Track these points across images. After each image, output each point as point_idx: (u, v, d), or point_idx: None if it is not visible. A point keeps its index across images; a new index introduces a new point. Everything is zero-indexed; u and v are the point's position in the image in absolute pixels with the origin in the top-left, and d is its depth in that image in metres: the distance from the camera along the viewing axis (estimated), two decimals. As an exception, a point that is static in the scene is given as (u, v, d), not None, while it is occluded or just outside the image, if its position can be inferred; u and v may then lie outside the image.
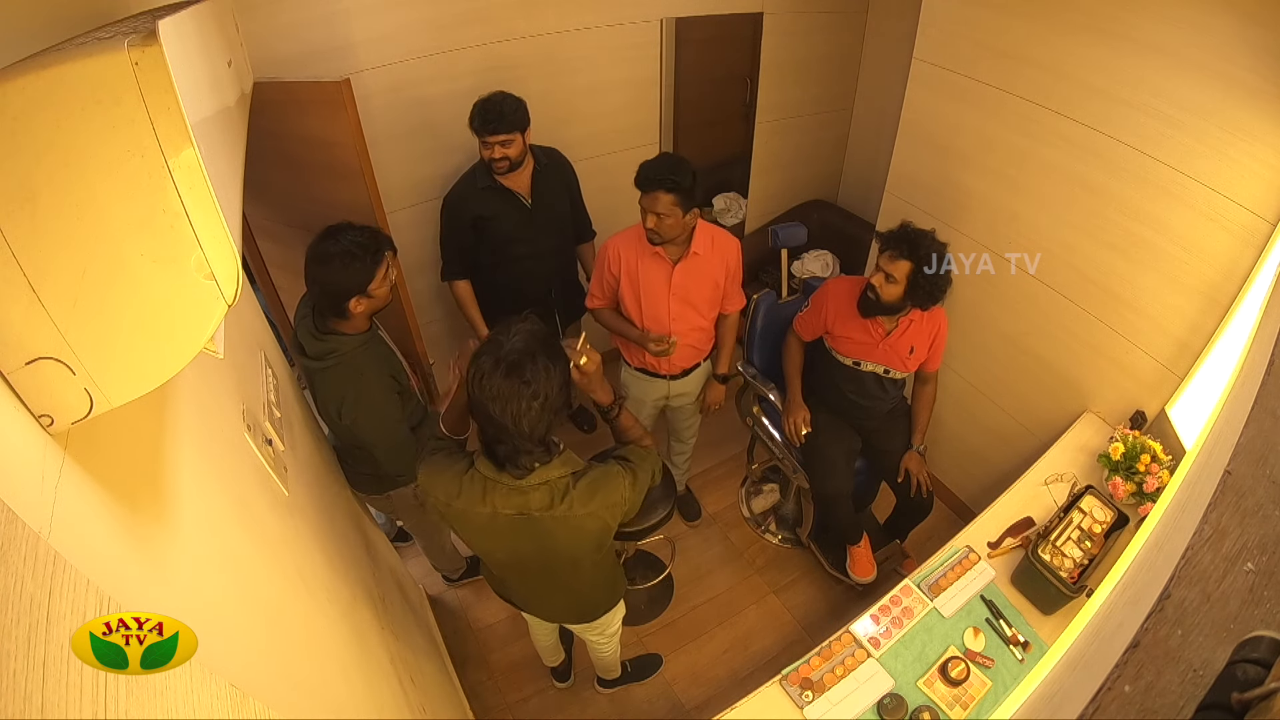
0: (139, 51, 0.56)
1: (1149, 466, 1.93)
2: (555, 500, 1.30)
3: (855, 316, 2.18)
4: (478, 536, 1.41)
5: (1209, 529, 0.51)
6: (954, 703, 1.61)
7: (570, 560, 1.46)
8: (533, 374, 1.17)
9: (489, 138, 2.12)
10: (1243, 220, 1.68)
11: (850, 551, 2.50)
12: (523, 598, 1.74)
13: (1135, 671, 0.44)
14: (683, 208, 1.96)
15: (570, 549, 1.41)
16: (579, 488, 1.31)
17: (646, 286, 2.13)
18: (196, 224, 0.62)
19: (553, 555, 1.43)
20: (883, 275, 2.01)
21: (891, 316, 2.13)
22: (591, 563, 1.51)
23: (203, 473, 0.94)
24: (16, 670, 0.44)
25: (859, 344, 2.21)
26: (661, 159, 1.97)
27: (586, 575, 1.56)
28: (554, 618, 1.87)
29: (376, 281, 1.66)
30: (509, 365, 1.17)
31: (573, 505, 1.30)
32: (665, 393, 2.40)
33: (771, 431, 2.54)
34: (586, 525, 1.35)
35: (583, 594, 1.66)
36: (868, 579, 2.48)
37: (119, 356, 0.63)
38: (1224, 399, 1.00)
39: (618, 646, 2.13)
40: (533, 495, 1.29)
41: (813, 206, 3.69)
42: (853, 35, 3.36)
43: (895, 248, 1.98)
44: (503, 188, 2.26)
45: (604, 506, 1.34)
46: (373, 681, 1.31)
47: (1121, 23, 1.77)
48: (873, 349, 2.20)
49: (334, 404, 1.73)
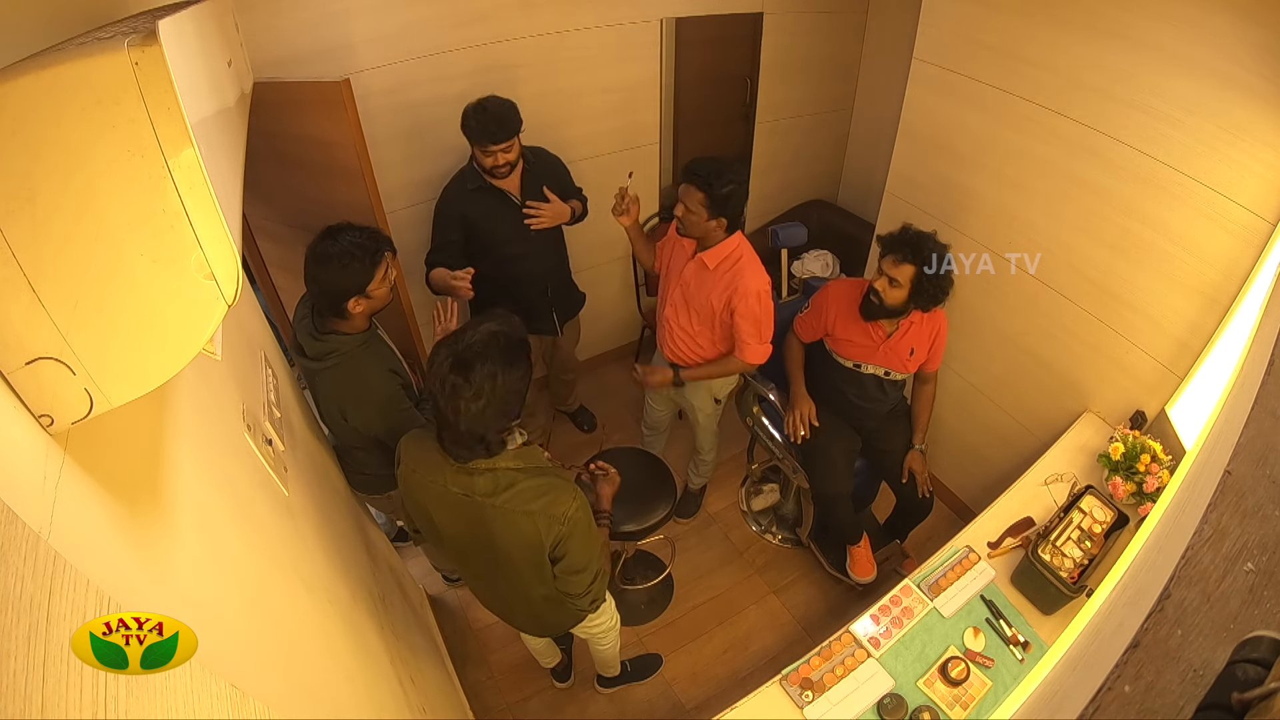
0: (139, 51, 0.56)
1: (1149, 466, 1.93)
2: (498, 489, 1.32)
3: (856, 319, 2.17)
4: (434, 507, 1.42)
5: (1209, 529, 0.51)
6: (954, 703, 1.61)
7: (508, 558, 1.43)
8: (480, 376, 1.19)
9: (491, 146, 2.11)
10: (1243, 220, 1.68)
11: (850, 551, 2.50)
12: (483, 597, 1.74)
13: (1135, 671, 0.44)
14: (709, 211, 1.97)
15: (506, 545, 1.40)
16: (527, 485, 1.32)
17: (667, 262, 2.25)
18: (196, 224, 0.62)
19: (492, 548, 1.42)
20: (886, 279, 2.01)
21: (893, 319, 2.13)
22: (532, 572, 1.46)
23: (203, 473, 0.94)
24: (16, 670, 0.44)
25: (860, 346, 2.21)
26: (714, 159, 1.97)
27: (531, 584, 1.51)
28: (516, 625, 1.83)
29: (375, 282, 1.66)
30: (459, 361, 1.19)
31: (514, 498, 1.32)
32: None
33: (771, 431, 2.53)
34: (522, 525, 1.34)
35: (534, 604, 1.60)
36: (868, 579, 2.48)
37: (119, 356, 0.63)
38: (1224, 399, 1.00)
39: (617, 641, 2.12)
40: (478, 479, 1.32)
41: (812, 206, 3.69)
42: (853, 35, 3.36)
43: (898, 251, 1.98)
44: (494, 188, 2.26)
45: (543, 513, 1.33)
46: (373, 681, 1.31)
47: (1121, 22, 1.77)
48: (874, 351, 2.20)
49: (336, 405, 1.73)
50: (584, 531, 1.39)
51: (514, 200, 2.30)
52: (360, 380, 1.72)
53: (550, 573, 1.46)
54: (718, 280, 2.08)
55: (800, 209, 3.67)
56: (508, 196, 2.29)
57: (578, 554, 1.41)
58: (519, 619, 1.78)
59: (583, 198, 2.51)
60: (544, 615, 1.68)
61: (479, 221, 2.29)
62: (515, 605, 1.69)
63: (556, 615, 1.69)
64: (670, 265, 2.24)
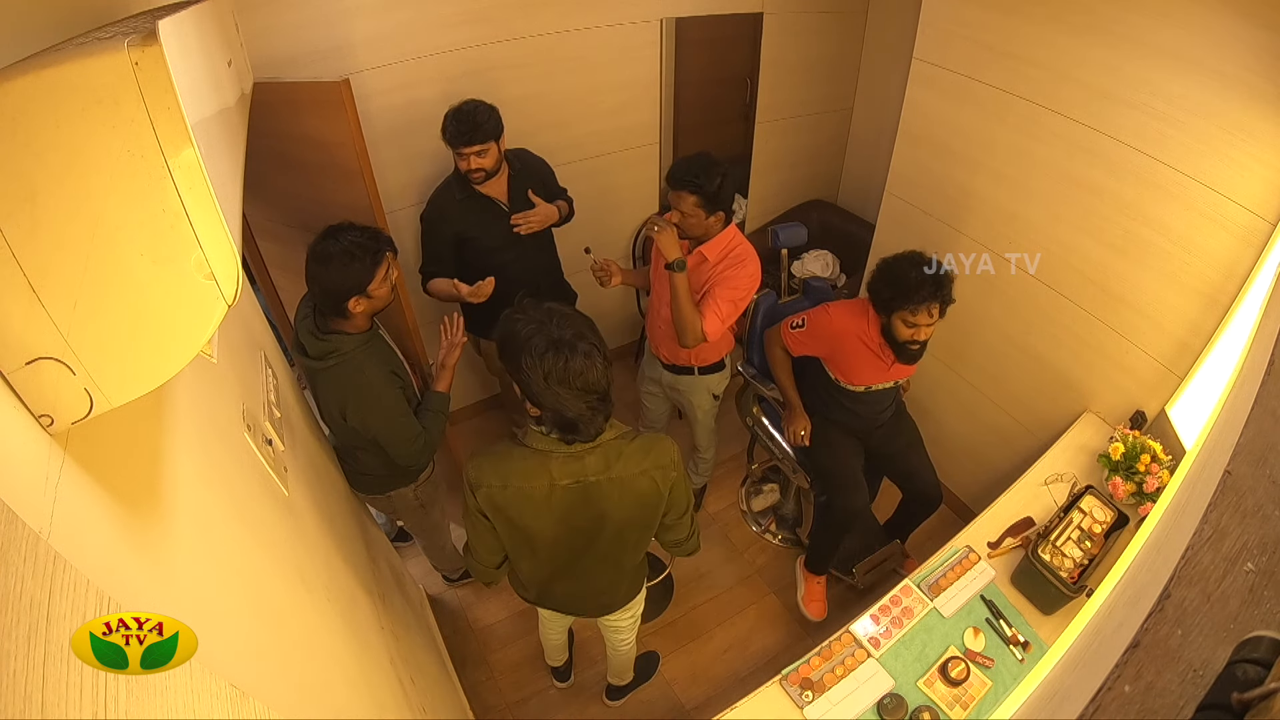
0: (139, 51, 0.56)
1: (1149, 466, 1.93)
2: (611, 462, 1.34)
3: (864, 349, 2.08)
4: (530, 516, 1.40)
5: (1209, 529, 0.51)
6: (954, 703, 1.61)
7: (618, 530, 1.46)
8: (588, 341, 1.23)
9: (463, 149, 2.10)
10: (1243, 220, 1.68)
11: (811, 581, 2.53)
12: (555, 592, 1.71)
13: (1135, 671, 0.44)
14: (705, 210, 1.98)
15: (621, 514, 1.42)
16: (631, 448, 1.36)
17: (659, 265, 2.17)
18: (196, 224, 0.62)
19: (603, 524, 1.43)
20: (924, 329, 1.94)
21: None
22: (640, 535, 1.52)
23: (203, 473, 0.94)
24: (16, 670, 0.44)
25: (872, 370, 2.13)
26: (695, 159, 1.96)
27: (630, 550, 1.57)
28: (585, 608, 1.84)
29: (376, 282, 1.66)
30: (564, 342, 1.21)
31: (627, 464, 1.35)
32: (660, 377, 2.43)
33: (772, 431, 2.53)
34: (639, 485, 1.38)
35: (623, 572, 1.66)
36: (820, 619, 2.53)
37: (119, 356, 0.63)
38: (1224, 399, 1.00)
39: (635, 640, 2.12)
40: (588, 460, 1.33)
41: (813, 206, 3.69)
42: (853, 35, 3.36)
43: (931, 299, 1.89)
44: (481, 196, 2.24)
45: (655, 466, 1.38)
46: (373, 681, 1.31)
47: (1122, 22, 1.77)
48: (885, 371, 2.13)
49: (337, 405, 1.73)
50: (683, 471, 1.46)
51: (502, 207, 2.29)
52: (361, 380, 1.72)
53: (653, 532, 1.53)
54: (720, 271, 2.10)
55: (800, 209, 3.67)
56: (496, 204, 2.28)
57: (682, 493, 1.47)
58: (590, 598, 1.77)
59: (568, 198, 2.51)
60: (624, 580, 1.71)
61: (468, 231, 2.28)
62: (599, 584, 1.69)
63: (634, 578, 1.75)
64: (658, 266, 2.20)
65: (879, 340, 2.05)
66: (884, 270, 1.96)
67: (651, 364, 2.45)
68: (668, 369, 2.37)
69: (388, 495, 2.04)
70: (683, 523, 1.54)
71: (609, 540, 1.48)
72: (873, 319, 2.05)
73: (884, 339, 2.04)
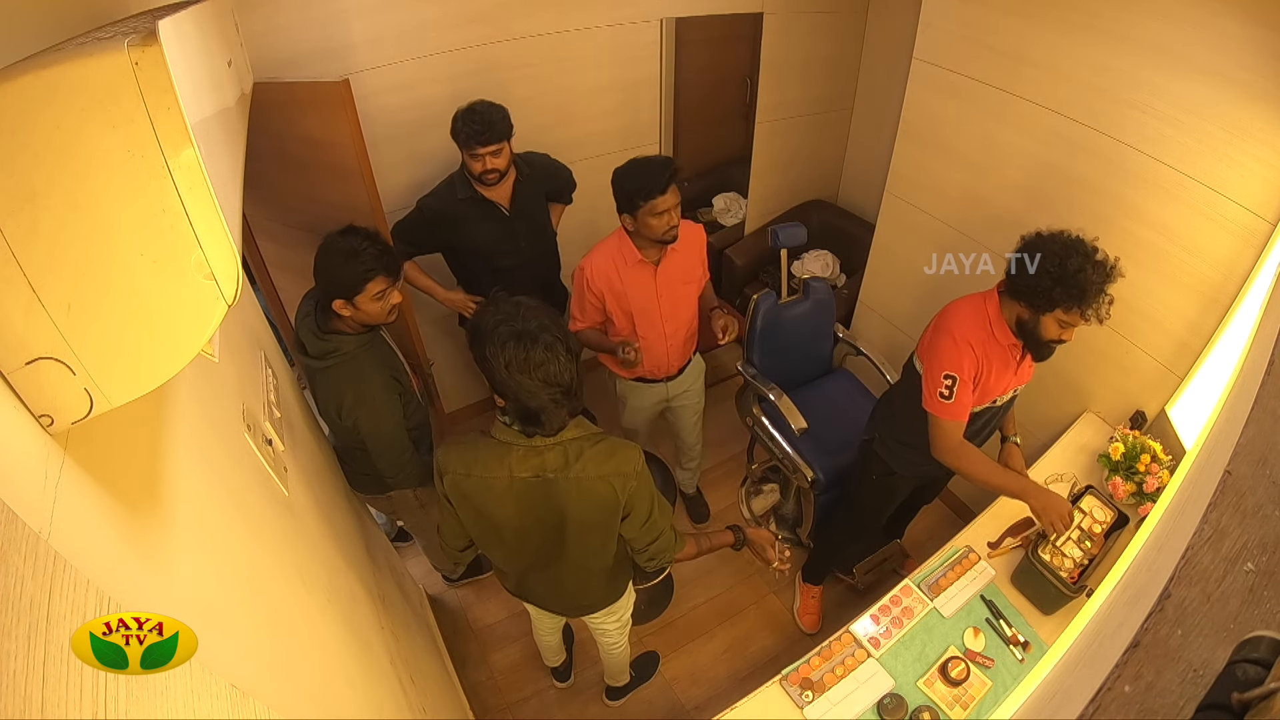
0: (139, 51, 0.56)
1: (1149, 466, 1.93)
2: (570, 460, 1.34)
3: (1000, 354, 1.73)
4: (493, 505, 1.41)
5: (1209, 529, 0.51)
6: (954, 703, 1.61)
7: (579, 531, 1.46)
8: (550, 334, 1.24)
9: (479, 149, 2.09)
10: (1243, 220, 1.68)
11: (806, 592, 2.53)
12: (532, 586, 1.73)
13: (1135, 671, 0.44)
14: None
15: (580, 516, 1.43)
16: (594, 450, 1.36)
17: (636, 297, 2.08)
18: (196, 224, 0.62)
19: (560, 526, 1.44)
20: (1072, 330, 1.63)
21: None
22: (601, 540, 1.51)
23: (202, 473, 0.94)
24: (16, 670, 0.44)
25: (1000, 376, 1.76)
26: (655, 161, 1.93)
27: (596, 555, 1.56)
28: (562, 608, 1.85)
29: (365, 296, 1.65)
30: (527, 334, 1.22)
31: (586, 467, 1.35)
32: (664, 395, 2.41)
33: (772, 431, 2.53)
34: (597, 490, 1.38)
35: (593, 577, 1.66)
36: (815, 631, 2.52)
37: (119, 356, 0.63)
38: (1224, 399, 1.00)
39: (627, 643, 2.12)
40: (548, 455, 1.34)
41: (813, 206, 3.69)
42: (853, 35, 3.35)
43: (1101, 294, 1.59)
44: (483, 198, 2.23)
45: (615, 473, 1.37)
46: (373, 681, 1.31)
47: (1121, 22, 1.77)
48: (1015, 373, 1.79)
49: (334, 404, 1.73)
50: (649, 480, 1.45)
51: (503, 212, 2.28)
52: (359, 381, 1.72)
53: (616, 539, 1.51)
54: (689, 248, 2.13)
55: (800, 209, 3.67)
56: (497, 208, 2.27)
57: (644, 503, 1.46)
58: (565, 598, 1.78)
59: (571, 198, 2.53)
60: (596, 583, 1.71)
61: (466, 232, 2.27)
62: (570, 584, 1.69)
63: (606, 584, 1.74)
64: (640, 297, 2.09)
65: (1010, 338, 1.70)
66: (1053, 264, 1.56)
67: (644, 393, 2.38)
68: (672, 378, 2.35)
69: (388, 495, 2.04)
70: (643, 532, 1.49)
71: (573, 539, 1.48)
72: (995, 313, 1.70)
73: (1016, 335, 1.69)
